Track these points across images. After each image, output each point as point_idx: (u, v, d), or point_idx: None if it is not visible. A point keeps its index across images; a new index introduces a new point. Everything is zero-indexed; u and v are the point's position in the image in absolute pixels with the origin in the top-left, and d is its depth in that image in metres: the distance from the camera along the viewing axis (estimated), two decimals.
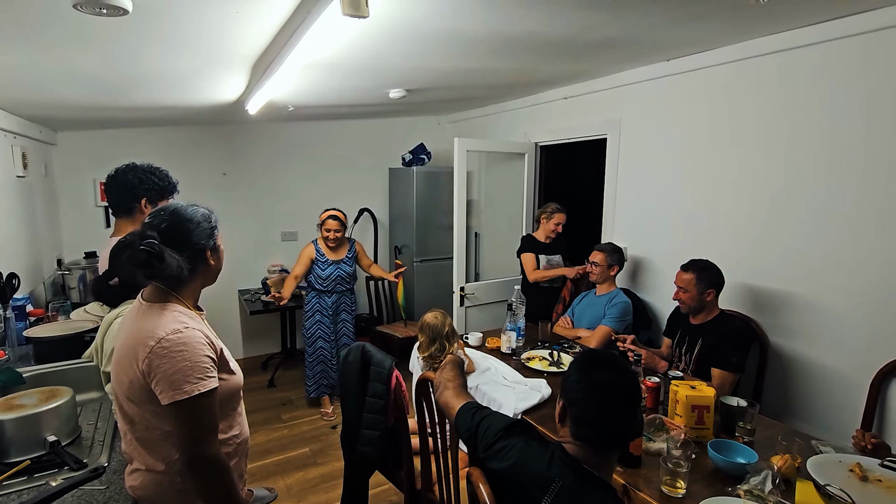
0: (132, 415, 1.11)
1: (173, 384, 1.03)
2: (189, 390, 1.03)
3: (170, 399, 1.03)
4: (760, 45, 2.14)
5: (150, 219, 1.13)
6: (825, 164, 2.01)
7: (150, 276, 1.10)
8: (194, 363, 1.05)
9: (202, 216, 1.17)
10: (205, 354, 1.08)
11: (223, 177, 4.05)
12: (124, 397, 1.11)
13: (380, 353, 1.88)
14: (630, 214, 2.95)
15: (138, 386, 1.06)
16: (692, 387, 1.64)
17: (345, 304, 3.42)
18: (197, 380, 1.04)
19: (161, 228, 1.10)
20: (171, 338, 1.05)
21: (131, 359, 1.06)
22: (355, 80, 2.58)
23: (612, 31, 1.96)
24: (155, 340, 1.04)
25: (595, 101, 3.09)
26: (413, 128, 4.62)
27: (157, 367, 1.03)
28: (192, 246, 1.13)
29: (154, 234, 1.08)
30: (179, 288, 1.14)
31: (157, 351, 1.03)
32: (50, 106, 2.64)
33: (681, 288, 2.15)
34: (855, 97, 1.90)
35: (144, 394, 1.07)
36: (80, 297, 2.82)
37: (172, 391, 1.03)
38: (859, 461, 1.39)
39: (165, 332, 1.05)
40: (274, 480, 2.65)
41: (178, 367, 1.03)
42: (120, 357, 1.11)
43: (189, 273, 1.12)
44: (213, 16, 1.47)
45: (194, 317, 1.14)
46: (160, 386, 1.03)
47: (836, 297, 2.01)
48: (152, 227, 1.10)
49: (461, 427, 1.31)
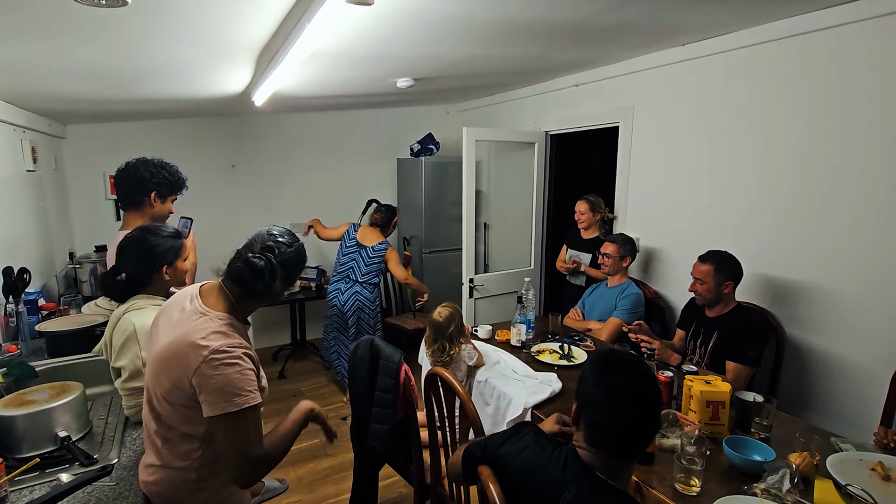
0: (161, 411, 1.12)
1: (224, 396, 1.04)
2: (240, 402, 1.05)
3: (220, 411, 1.04)
4: (779, 28, 2.06)
5: (281, 237, 1.18)
6: (843, 152, 1.94)
7: (241, 284, 1.13)
8: (244, 377, 1.07)
9: (303, 263, 1.23)
10: (251, 369, 1.10)
11: (231, 169, 4.05)
12: (161, 397, 1.11)
13: (389, 347, 1.86)
14: (642, 204, 2.88)
15: (181, 392, 1.07)
16: (707, 381, 1.60)
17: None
18: (247, 393, 1.07)
19: (285, 255, 1.15)
20: (227, 350, 1.06)
21: (181, 363, 1.06)
22: (362, 69, 2.54)
23: (624, 15, 1.89)
24: (209, 351, 1.05)
25: (607, 88, 3.01)
26: (421, 118, 4.57)
27: (209, 378, 1.04)
28: (290, 278, 1.19)
29: (276, 251, 1.13)
30: (247, 302, 1.17)
31: (210, 361, 1.04)
32: (57, 99, 2.63)
33: (698, 279, 2.10)
34: (878, 82, 1.82)
35: (185, 400, 1.08)
36: (92, 290, 2.84)
37: (224, 402, 1.04)
38: (881, 460, 1.34)
39: (219, 344, 1.06)
40: (285, 472, 2.67)
41: (229, 381, 1.05)
42: (166, 357, 1.10)
43: (271, 298, 1.17)
44: (215, 6, 1.44)
45: (244, 333, 1.17)
46: (211, 396, 1.04)
47: (856, 288, 1.95)
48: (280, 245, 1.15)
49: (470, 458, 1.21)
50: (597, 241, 2.97)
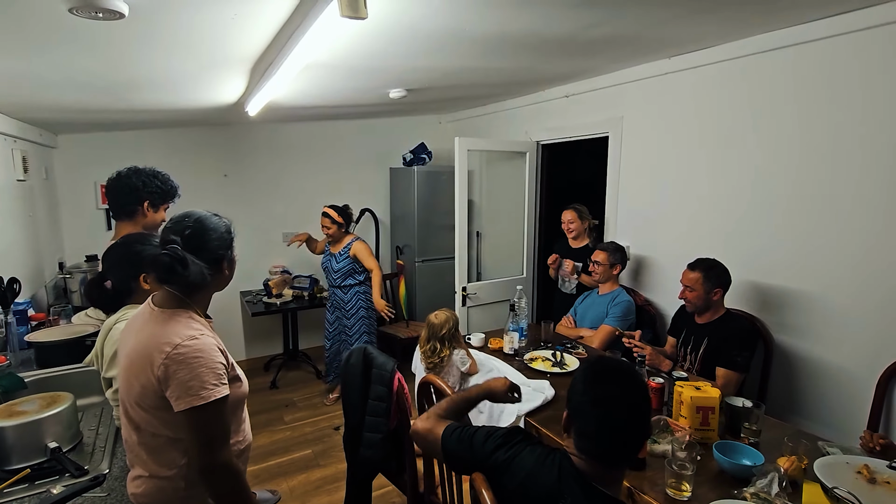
0: (138, 421, 1.11)
1: (189, 390, 1.03)
2: (206, 396, 1.04)
3: (186, 405, 1.03)
4: (764, 41, 2.12)
5: (173, 224, 1.13)
6: (831, 162, 1.99)
7: (169, 281, 1.11)
8: (209, 369, 1.06)
9: (224, 227, 1.18)
10: (219, 361, 1.09)
11: (224, 178, 4.05)
12: (133, 403, 1.11)
13: (382, 356, 1.87)
14: (632, 213, 2.93)
15: (151, 392, 1.07)
16: (697, 387, 1.62)
17: (337, 300, 3.43)
18: (213, 386, 1.06)
19: (185, 234, 1.10)
20: (188, 344, 1.06)
21: (145, 364, 1.06)
22: (355, 80, 2.57)
23: (612, 28, 1.94)
24: (171, 346, 1.05)
25: (596, 99, 3.07)
26: (414, 127, 4.61)
27: (173, 373, 1.04)
28: (211, 254, 1.13)
29: (177, 238, 1.09)
30: (193, 295, 1.15)
31: (173, 357, 1.04)
32: (49, 109, 2.63)
33: (687, 287, 2.13)
34: (859, 93, 1.88)
35: (156, 400, 1.07)
36: (82, 300, 2.81)
37: (189, 397, 1.03)
38: (867, 463, 1.37)
39: (181, 339, 1.06)
40: (277, 483, 2.65)
41: (194, 374, 1.04)
42: (131, 363, 1.11)
43: (208, 280, 1.13)
44: (210, 19, 1.46)
45: (205, 324, 1.16)
46: (176, 392, 1.04)
47: (841, 294, 1.99)
48: (176, 233, 1.10)
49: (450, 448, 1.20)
50: (586, 249, 2.99)
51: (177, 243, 1.08)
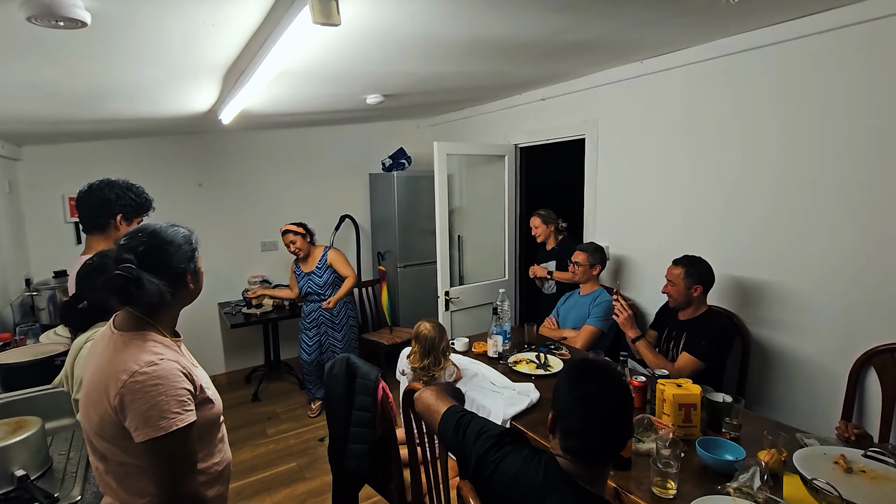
0: (103, 451, 1.05)
1: (148, 421, 0.96)
2: (165, 426, 0.97)
3: (144, 437, 0.96)
4: (732, 43, 2.18)
5: (126, 240, 1.05)
6: (796, 158, 2.04)
7: (127, 303, 1.04)
8: (170, 397, 0.99)
9: (182, 238, 1.10)
10: (181, 387, 1.01)
11: (199, 188, 3.96)
12: (94, 434, 1.04)
13: (365, 365, 1.84)
14: (610, 213, 2.97)
15: (109, 422, 1.00)
16: (678, 385, 1.65)
17: (322, 317, 3.38)
18: (174, 415, 0.98)
19: (139, 251, 1.03)
20: (146, 371, 0.98)
21: (101, 394, 1.00)
22: (331, 86, 2.54)
23: (584, 33, 1.96)
24: (128, 374, 0.98)
25: (572, 102, 3.10)
26: (392, 132, 4.59)
27: (130, 403, 0.97)
28: (171, 270, 1.06)
29: (131, 257, 1.01)
30: (156, 314, 1.08)
31: (129, 386, 0.97)
32: (11, 120, 2.53)
33: (670, 281, 2.18)
34: (826, 92, 1.94)
35: (116, 430, 1.00)
36: (50, 318, 2.71)
37: (147, 428, 0.96)
38: (843, 453, 1.40)
39: (139, 366, 0.99)
40: (260, 499, 2.59)
41: (152, 403, 0.97)
42: (89, 392, 1.04)
43: (169, 298, 1.06)
44: (179, 26, 1.43)
45: (171, 345, 1.09)
46: (134, 422, 0.97)
47: (810, 286, 2.05)
48: (129, 250, 1.02)
49: (446, 432, 1.26)
50: (555, 250, 3.15)
51: (131, 262, 1.00)
